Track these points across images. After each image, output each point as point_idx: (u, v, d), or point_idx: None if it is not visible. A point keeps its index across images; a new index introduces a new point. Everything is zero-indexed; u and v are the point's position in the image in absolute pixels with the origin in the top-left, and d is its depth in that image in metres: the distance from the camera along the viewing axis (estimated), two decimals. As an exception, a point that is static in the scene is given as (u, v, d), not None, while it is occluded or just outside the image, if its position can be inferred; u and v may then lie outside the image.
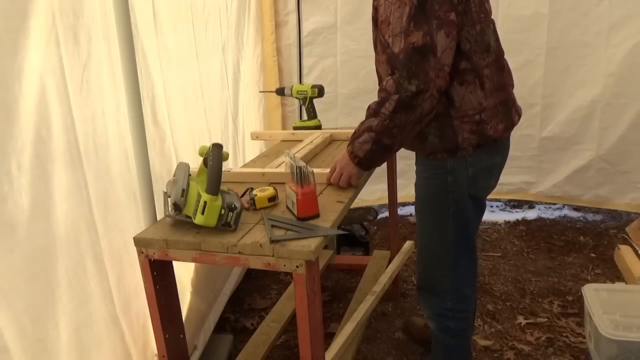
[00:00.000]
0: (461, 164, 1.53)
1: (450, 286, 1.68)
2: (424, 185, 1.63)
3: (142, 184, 1.40)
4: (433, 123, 1.47)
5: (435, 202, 1.61)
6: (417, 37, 1.32)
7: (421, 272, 1.75)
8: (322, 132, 2.20)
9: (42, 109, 1.19)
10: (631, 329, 1.80)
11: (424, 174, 1.62)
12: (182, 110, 1.94)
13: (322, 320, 1.33)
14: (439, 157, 1.54)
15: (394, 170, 2.40)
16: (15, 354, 1.10)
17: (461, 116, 1.47)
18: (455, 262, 1.66)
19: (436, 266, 1.70)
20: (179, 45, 1.93)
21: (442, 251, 1.65)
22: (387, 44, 1.38)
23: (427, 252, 1.72)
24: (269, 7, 3.00)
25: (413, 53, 1.33)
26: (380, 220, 3.39)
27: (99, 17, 1.39)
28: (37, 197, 1.16)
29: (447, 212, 1.59)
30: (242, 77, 2.68)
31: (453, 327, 1.72)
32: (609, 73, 3.03)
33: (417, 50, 1.33)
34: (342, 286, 2.75)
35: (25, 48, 1.13)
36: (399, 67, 1.35)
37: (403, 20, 1.33)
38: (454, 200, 1.57)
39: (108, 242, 1.43)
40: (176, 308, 1.44)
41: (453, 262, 1.66)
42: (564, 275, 2.73)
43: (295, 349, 2.14)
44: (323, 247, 1.24)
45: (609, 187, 3.24)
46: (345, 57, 3.20)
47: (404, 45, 1.33)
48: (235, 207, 1.26)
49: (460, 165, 1.53)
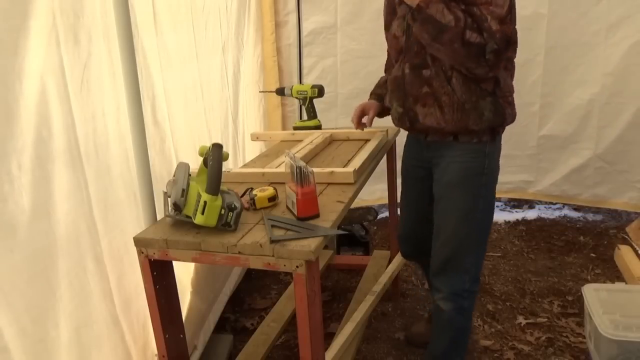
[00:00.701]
0: (496, 149, 1.71)
1: (471, 266, 1.76)
2: (458, 170, 1.69)
3: (142, 184, 1.40)
4: (488, 99, 1.62)
5: (469, 184, 1.69)
6: (510, 29, 1.53)
7: (445, 255, 1.76)
8: (322, 132, 2.20)
9: (43, 108, 1.19)
10: (631, 329, 1.80)
11: (460, 159, 1.69)
12: (182, 110, 1.94)
13: (322, 320, 1.33)
14: (483, 139, 1.66)
15: (394, 170, 2.40)
16: (16, 354, 1.10)
17: (503, 95, 1.65)
18: (479, 243, 1.77)
19: (463, 248, 1.74)
20: (179, 45, 1.93)
21: (469, 233, 1.73)
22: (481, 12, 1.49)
23: (455, 235, 1.74)
24: (269, 7, 3.00)
25: (503, 40, 1.50)
26: (380, 220, 3.39)
27: (99, 17, 1.39)
28: (37, 197, 1.16)
29: (478, 194, 1.69)
30: (242, 77, 2.69)
31: (466, 307, 1.79)
32: (607, 72, 3.03)
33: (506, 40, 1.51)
34: (342, 286, 2.75)
35: (26, 48, 1.13)
36: (493, 39, 1.48)
37: (504, 9, 1.50)
38: (485, 182, 1.69)
39: (108, 242, 1.43)
40: (176, 308, 1.44)
41: (477, 244, 1.75)
42: (564, 275, 2.73)
43: (295, 349, 2.15)
44: (323, 247, 1.24)
45: (607, 186, 3.24)
46: (345, 57, 3.20)
47: (500, 28, 1.48)
48: (235, 207, 1.26)
49: (496, 150, 1.71)
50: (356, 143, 2.10)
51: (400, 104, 1.72)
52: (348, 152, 1.96)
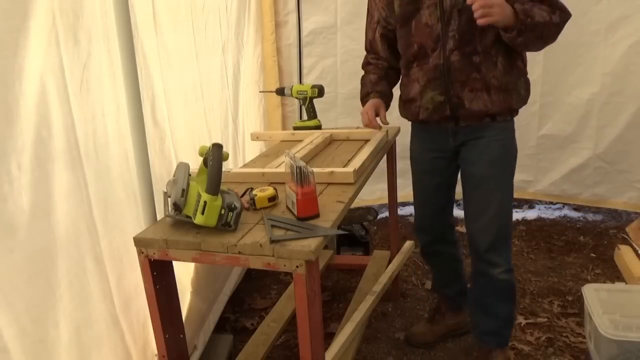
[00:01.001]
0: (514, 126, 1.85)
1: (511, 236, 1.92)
2: (499, 147, 1.81)
3: (142, 184, 1.40)
4: (522, 78, 1.79)
5: (507, 160, 1.84)
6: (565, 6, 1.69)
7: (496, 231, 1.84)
8: (322, 132, 2.20)
9: (42, 109, 1.19)
10: (631, 329, 1.80)
11: (498, 137, 1.80)
12: (182, 111, 1.94)
13: (322, 320, 1.33)
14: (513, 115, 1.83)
15: (394, 170, 2.40)
16: (15, 354, 1.10)
17: (526, 73, 1.83)
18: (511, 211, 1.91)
19: (509, 220, 1.89)
20: (178, 45, 1.93)
21: (509, 206, 1.87)
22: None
23: (503, 210, 1.85)
24: (269, 7, 3.00)
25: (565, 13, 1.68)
26: (380, 220, 3.39)
27: (99, 17, 1.39)
28: (37, 198, 1.16)
29: (512, 168, 1.86)
30: (242, 77, 2.68)
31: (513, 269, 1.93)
32: (606, 72, 3.04)
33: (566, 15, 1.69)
34: (342, 286, 2.75)
35: (26, 48, 1.13)
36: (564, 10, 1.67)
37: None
38: (515, 157, 1.86)
39: (108, 242, 1.43)
40: (176, 308, 1.44)
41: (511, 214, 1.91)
42: (564, 275, 2.73)
43: (295, 349, 2.14)
44: (323, 247, 1.24)
45: (607, 186, 3.25)
46: (345, 57, 3.20)
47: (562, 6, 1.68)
48: (235, 207, 1.26)
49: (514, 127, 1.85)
50: (356, 143, 2.10)
51: (442, 91, 1.75)
52: (348, 152, 1.96)
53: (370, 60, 2.02)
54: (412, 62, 1.81)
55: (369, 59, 2.02)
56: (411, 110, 1.86)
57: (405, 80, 1.88)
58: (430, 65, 1.75)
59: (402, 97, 1.92)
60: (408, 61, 1.83)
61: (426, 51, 1.76)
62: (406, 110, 1.90)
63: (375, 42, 1.97)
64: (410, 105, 1.85)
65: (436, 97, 1.76)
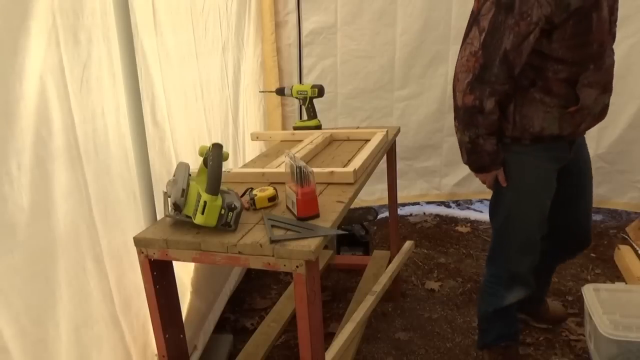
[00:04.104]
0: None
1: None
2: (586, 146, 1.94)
3: (142, 184, 1.40)
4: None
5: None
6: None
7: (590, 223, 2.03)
8: (322, 132, 2.20)
9: (43, 109, 1.19)
10: (631, 329, 1.80)
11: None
12: (182, 110, 1.94)
13: (322, 320, 1.33)
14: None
15: (394, 170, 2.40)
16: (15, 354, 1.10)
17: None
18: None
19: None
20: (178, 45, 1.93)
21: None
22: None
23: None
24: (269, 7, 3.00)
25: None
26: (380, 220, 3.38)
27: (99, 17, 1.39)
28: (37, 197, 1.16)
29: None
30: (242, 77, 2.68)
31: None
32: (607, 72, 3.03)
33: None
34: (342, 286, 2.75)
35: (26, 48, 1.13)
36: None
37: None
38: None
39: (108, 242, 1.43)
40: (176, 308, 1.44)
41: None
42: (564, 275, 2.73)
43: (295, 349, 2.14)
44: (323, 247, 1.24)
45: (608, 187, 3.24)
46: (345, 57, 3.20)
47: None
48: (235, 207, 1.26)
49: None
50: (356, 143, 2.10)
51: (610, 94, 1.65)
52: (348, 152, 1.96)
53: (495, 88, 1.52)
54: (587, 64, 1.54)
55: (496, 86, 1.51)
56: (574, 121, 1.60)
57: (566, 89, 1.57)
58: (607, 64, 1.57)
59: (558, 109, 1.59)
60: (578, 65, 1.54)
61: (605, 49, 1.56)
62: (565, 122, 1.60)
63: (520, 54, 1.50)
64: (575, 115, 1.59)
65: (606, 100, 1.61)
